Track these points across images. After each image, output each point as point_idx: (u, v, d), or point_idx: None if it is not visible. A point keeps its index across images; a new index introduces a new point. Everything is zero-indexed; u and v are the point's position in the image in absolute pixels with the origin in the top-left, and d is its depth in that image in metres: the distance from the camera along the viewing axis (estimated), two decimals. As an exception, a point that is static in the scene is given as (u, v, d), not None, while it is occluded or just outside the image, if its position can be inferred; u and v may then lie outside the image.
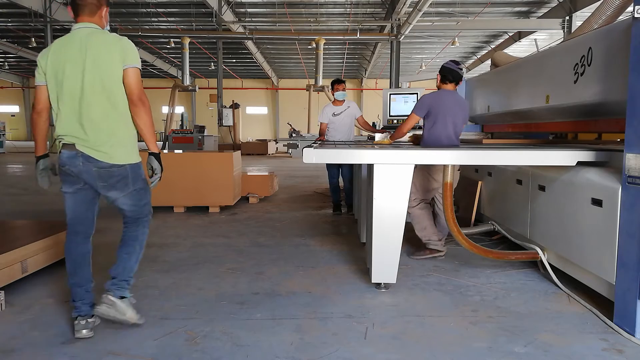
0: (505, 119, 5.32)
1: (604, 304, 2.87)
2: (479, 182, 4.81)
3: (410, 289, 3.28)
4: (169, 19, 20.99)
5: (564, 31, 16.54)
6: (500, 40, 22.40)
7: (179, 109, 28.75)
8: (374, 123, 14.58)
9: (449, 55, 25.75)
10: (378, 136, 5.39)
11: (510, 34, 20.96)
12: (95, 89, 2.40)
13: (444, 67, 4.03)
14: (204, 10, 18.62)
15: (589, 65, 3.38)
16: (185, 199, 6.14)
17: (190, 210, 6.27)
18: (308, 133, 21.78)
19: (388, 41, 18.85)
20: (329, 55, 26.58)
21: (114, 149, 2.45)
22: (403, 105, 6.34)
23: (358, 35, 19.05)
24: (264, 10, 19.50)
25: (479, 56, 25.50)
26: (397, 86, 15.59)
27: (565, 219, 3.18)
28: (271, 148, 21.50)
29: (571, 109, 3.77)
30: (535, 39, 17.70)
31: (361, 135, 13.94)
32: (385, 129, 6.03)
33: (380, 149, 3.27)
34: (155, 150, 2.58)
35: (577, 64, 3.54)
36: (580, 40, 3.59)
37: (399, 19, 16.78)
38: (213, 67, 27.42)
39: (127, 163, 2.50)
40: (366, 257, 3.74)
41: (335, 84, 6.19)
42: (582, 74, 3.48)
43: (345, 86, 6.19)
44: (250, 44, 23.72)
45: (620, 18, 3.99)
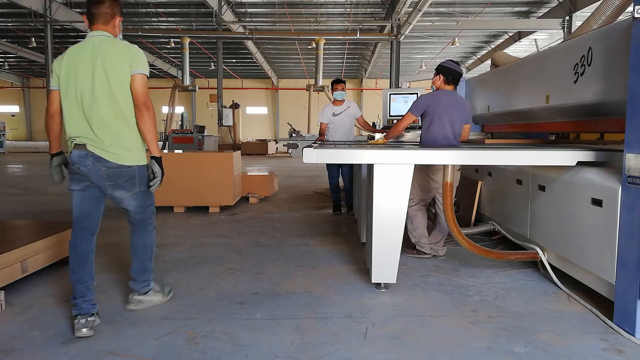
0: (505, 119, 5.32)
1: (604, 304, 2.87)
2: (479, 182, 4.81)
3: (410, 289, 3.28)
4: (169, 19, 20.99)
5: (564, 31, 16.54)
6: (500, 40, 22.40)
7: (179, 109, 28.75)
8: (374, 123, 14.57)
9: (449, 55, 25.75)
10: (378, 136, 5.39)
11: (510, 34, 20.97)
12: (104, 93, 2.52)
13: (445, 68, 4.00)
14: (204, 10, 18.62)
15: (589, 65, 3.38)
16: (185, 199, 6.14)
17: (190, 210, 6.27)
18: (308, 133, 21.79)
19: (388, 41, 18.84)
20: (329, 55, 26.58)
21: (123, 150, 2.56)
22: (403, 105, 6.34)
23: (358, 35, 19.05)
24: (264, 10, 19.50)
25: (479, 56, 25.49)
26: (397, 86, 15.58)
27: (565, 219, 3.18)
28: (271, 148, 21.51)
29: (571, 109, 3.77)
30: (535, 39, 17.70)
31: (361, 135, 13.93)
32: (385, 129, 6.03)
33: (380, 149, 3.27)
34: (157, 154, 2.66)
35: (577, 64, 3.54)
36: (580, 40, 3.59)
37: (399, 19, 16.79)
38: (213, 67, 27.42)
39: (135, 164, 2.61)
40: (366, 257, 3.74)
41: (334, 83, 6.19)
42: (582, 74, 3.48)
43: (344, 86, 6.18)
44: (250, 44, 23.72)
45: (620, 18, 3.99)
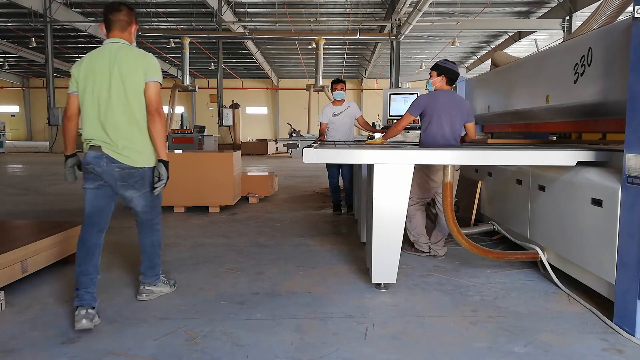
0: (505, 119, 5.32)
1: (604, 304, 2.87)
2: (479, 182, 4.80)
3: (410, 289, 3.28)
4: (169, 19, 21.00)
5: (564, 31, 16.56)
6: (500, 40, 22.41)
7: (179, 109, 28.77)
8: (374, 123, 14.56)
9: (449, 55, 25.76)
10: (377, 136, 5.39)
11: (510, 34, 20.98)
12: (120, 99, 2.65)
13: (445, 68, 3.99)
14: (204, 10, 18.64)
15: (589, 65, 3.38)
16: (185, 199, 6.14)
17: (190, 210, 6.27)
18: (308, 133, 21.79)
19: (388, 41, 18.87)
20: (329, 55, 26.59)
21: (135, 153, 2.70)
22: (403, 105, 6.35)
23: (358, 35, 19.07)
24: (264, 10, 19.51)
25: (479, 56, 25.51)
26: (397, 86, 15.60)
27: (565, 219, 3.18)
28: (271, 148, 21.50)
29: (571, 109, 3.77)
30: (535, 39, 17.71)
31: (361, 135, 13.93)
32: (385, 129, 6.03)
33: (379, 149, 3.27)
34: (164, 157, 2.79)
35: (577, 64, 3.54)
36: (580, 40, 3.59)
37: (399, 19, 16.80)
38: (213, 67, 27.44)
39: (146, 166, 2.76)
40: (366, 257, 3.74)
41: (334, 83, 6.19)
42: (582, 74, 3.48)
43: (344, 86, 6.17)
44: (250, 44, 23.73)
45: (620, 18, 3.99)
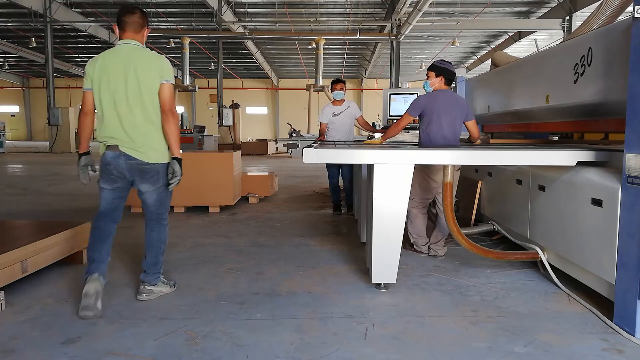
0: (505, 119, 5.32)
1: (604, 304, 2.87)
2: (479, 182, 4.80)
3: (410, 289, 3.28)
4: (169, 19, 21.01)
5: (564, 31, 16.56)
6: (500, 40, 22.41)
7: (179, 109, 28.78)
8: (374, 123, 14.56)
9: (449, 55, 25.76)
10: (377, 136, 5.38)
11: (510, 34, 20.98)
12: (136, 99, 2.78)
13: (443, 68, 3.99)
14: (204, 10, 18.64)
15: (589, 65, 3.38)
16: (185, 199, 6.14)
17: (190, 210, 6.27)
18: (308, 133, 21.77)
19: (388, 41, 18.87)
20: (329, 55, 26.60)
21: (150, 150, 2.83)
22: (403, 105, 6.34)
23: (358, 35, 19.07)
24: (264, 10, 19.51)
25: (479, 56, 25.50)
26: (397, 86, 15.59)
27: (565, 219, 3.18)
28: (271, 148, 21.49)
29: (571, 109, 3.77)
30: (535, 39, 17.72)
31: (361, 135, 13.92)
32: (385, 129, 6.03)
33: (379, 149, 3.27)
34: (178, 155, 2.93)
35: (577, 64, 3.54)
36: (580, 40, 3.59)
37: (399, 19, 16.80)
38: (213, 67, 27.44)
39: (161, 162, 2.90)
40: (366, 257, 3.74)
41: (334, 83, 6.19)
42: (582, 74, 3.48)
43: (343, 86, 6.17)
44: (250, 44, 23.74)
45: (620, 18, 3.99)
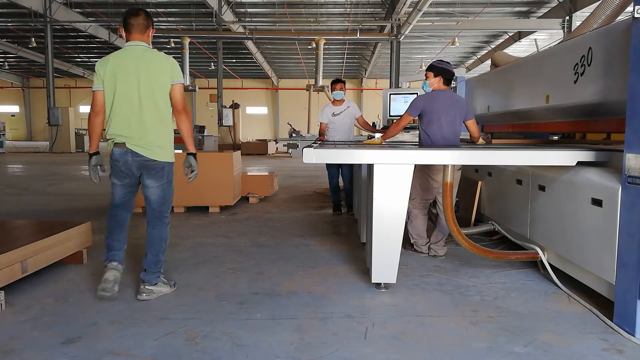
0: (505, 119, 5.32)
1: (604, 304, 2.87)
2: (479, 182, 4.80)
3: (410, 289, 3.28)
4: (169, 19, 21.01)
5: (564, 31, 16.56)
6: (500, 40, 22.41)
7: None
8: (374, 123, 14.56)
9: (449, 55, 25.77)
10: (377, 136, 5.38)
11: (510, 34, 20.98)
12: (148, 98, 2.89)
13: (442, 69, 3.98)
14: (204, 10, 18.64)
15: (589, 65, 3.38)
16: (185, 199, 6.14)
17: (190, 210, 6.27)
18: (308, 133, 21.77)
19: (388, 41, 18.87)
20: (329, 55, 26.59)
21: (158, 148, 2.94)
22: (403, 105, 6.34)
23: (358, 35, 19.07)
24: (264, 10, 19.52)
25: (479, 56, 25.51)
26: (397, 86, 15.59)
27: (565, 219, 3.18)
28: (271, 148, 21.49)
29: (571, 109, 3.77)
30: (535, 39, 17.72)
31: (361, 135, 13.92)
32: (385, 129, 6.03)
33: (379, 149, 3.27)
34: (193, 150, 3.10)
35: (577, 64, 3.53)
36: (580, 40, 3.59)
37: (399, 19, 16.80)
38: (213, 67, 27.44)
39: (166, 160, 3.00)
40: (366, 257, 3.74)
41: (333, 83, 6.19)
42: (582, 74, 3.48)
43: (343, 86, 6.17)
44: (250, 44, 23.74)
45: (620, 18, 3.99)
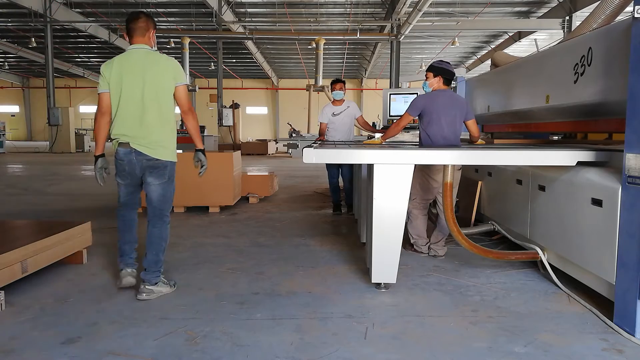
0: (505, 119, 5.32)
1: (604, 304, 2.87)
2: (479, 182, 4.80)
3: (410, 289, 3.28)
4: (169, 19, 21.00)
5: (564, 31, 16.56)
6: (500, 40, 22.41)
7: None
8: (374, 123, 14.56)
9: (449, 55, 25.77)
10: (377, 136, 5.38)
11: (510, 34, 20.98)
12: (153, 100, 2.99)
13: (442, 69, 3.98)
14: (204, 10, 18.64)
15: (589, 65, 3.38)
16: (185, 199, 6.14)
17: (190, 210, 6.27)
18: (308, 133, 21.77)
19: (388, 41, 18.86)
20: (329, 55, 26.59)
21: (161, 147, 3.04)
22: (403, 105, 6.34)
23: (358, 35, 19.07)
24: (264, 10, 19.52)
25: (479, 56, 25.51)
26: (397, 86, 15.58)
27: (565, 219, 3.18)
28: (271, 148, 21.49)
29: (571, 109, 3.77)
30: (535, 39, 17.72)
31: (361, 135, 13.92)
32: (385, 129, 6.02)
33: (379, 149, 3.27)
34: (201, 147, 3.27)
35: (577, 64, 3.53)
36: (580, 40, 3.59)
37: (399, 19, 16.80)
38: (213, 67, 27.44)
39: (168, 160, 3.09)
40: (366, 257, 3.74)
41: (333, 83, 6.19)
42: (582, 74, 3.48)
43: (342, 86, 6.17)
44: (250, 44, 23.73)
45: (620, 18, 3.99)
